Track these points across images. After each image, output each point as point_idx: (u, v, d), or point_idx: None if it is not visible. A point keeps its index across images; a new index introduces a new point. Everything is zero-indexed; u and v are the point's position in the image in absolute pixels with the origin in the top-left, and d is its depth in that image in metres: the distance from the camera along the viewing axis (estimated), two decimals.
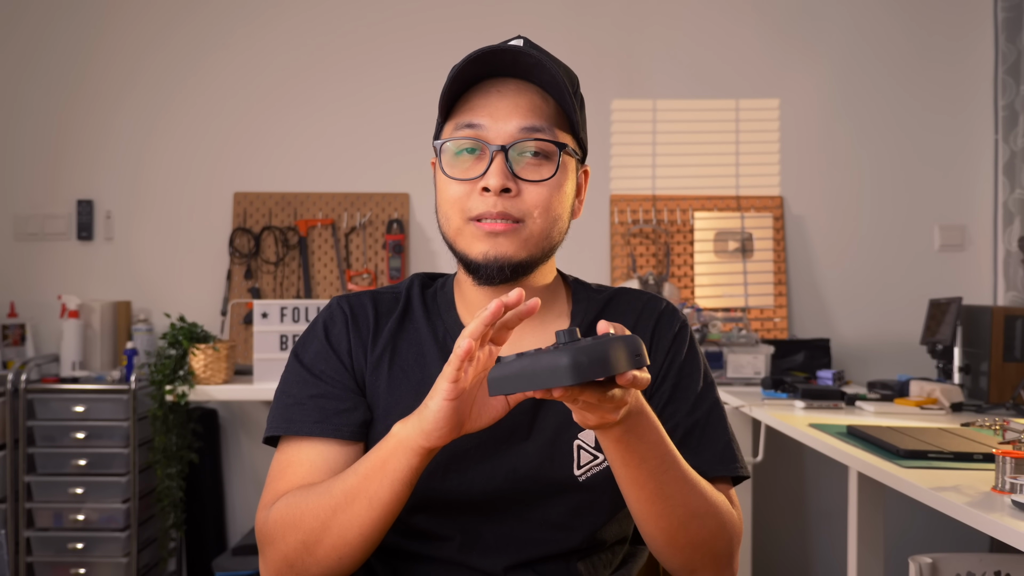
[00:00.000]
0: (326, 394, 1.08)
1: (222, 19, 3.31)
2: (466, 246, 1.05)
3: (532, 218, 1.04)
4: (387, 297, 1.15)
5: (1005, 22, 3.20)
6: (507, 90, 1.04)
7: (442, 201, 1.07)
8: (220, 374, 2.83)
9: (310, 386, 1.08)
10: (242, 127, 3.30)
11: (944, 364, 2.77)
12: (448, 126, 1.08)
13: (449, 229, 1.07)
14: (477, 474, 1.06)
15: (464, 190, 1.04)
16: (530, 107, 1.04)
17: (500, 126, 1.03)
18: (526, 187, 1.04)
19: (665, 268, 3.26)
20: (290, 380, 1.11)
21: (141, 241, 3.29)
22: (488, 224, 1.03)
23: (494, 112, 1.04)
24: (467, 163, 1.05)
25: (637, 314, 1.15)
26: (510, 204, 1.03)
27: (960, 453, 1.74)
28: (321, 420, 1.06)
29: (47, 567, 2.80)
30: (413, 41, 3.31)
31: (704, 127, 3.35)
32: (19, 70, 3.28)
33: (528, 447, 1.07)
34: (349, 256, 3.26)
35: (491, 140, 1.03)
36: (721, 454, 1.10)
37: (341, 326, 1.12)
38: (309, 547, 0.99)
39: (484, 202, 1.03)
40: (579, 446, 1.08)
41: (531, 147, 1.04)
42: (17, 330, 3.11)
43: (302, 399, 1.08)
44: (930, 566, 1.62)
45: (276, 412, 1.09)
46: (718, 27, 3.34)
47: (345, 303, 1.14)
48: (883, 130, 3.34)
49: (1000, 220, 3.23)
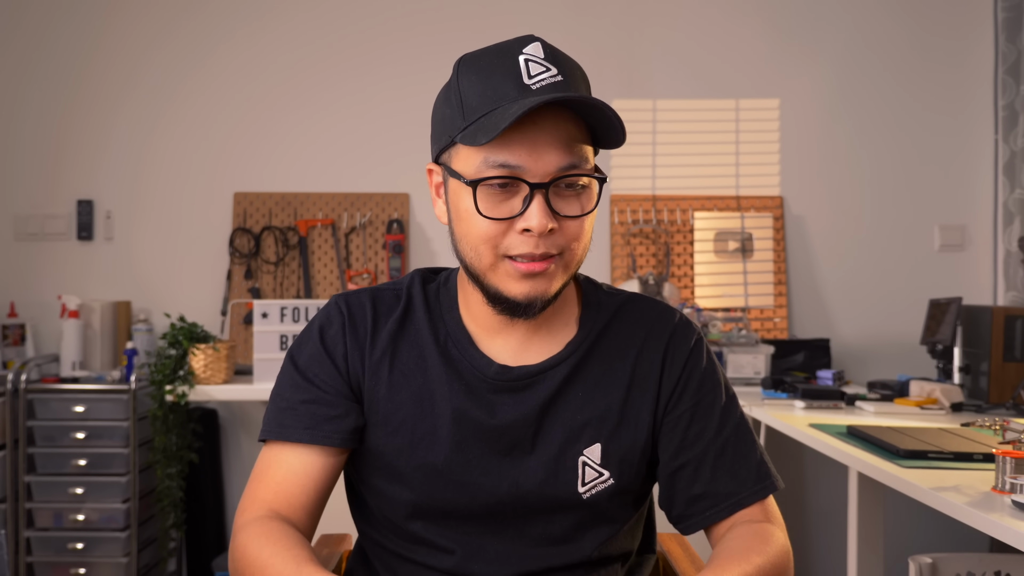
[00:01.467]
0: (318, 399, 1.06)
1: (222, 19, 3.31)
2: (499, 283, 1.00)
3: (570, 251, 1.00)
4: (387, 295, 1.12)
5: (1005, 22, 3.19)
6: (544, 121, 0.96)
7: (471, 236, 0.99)
8: (220, 374, 2.83)
9: (302, 390, 1.07)
10: (242, 127, 3.30)
11: (944, 364, 2.77)
12: (473, 155, 0.98)
13: (480, 264, 1.00)
14: (478, 487, 1.04)
15: (499, 228, 0.98)
16: (567, 139, 0.97)
17: (539, 164, 0.96)
18: (565, 222, 0.98)
19: (665, 268, 3.26)
20: (284, 382, 1.09)
21: (141, 241, 3.29)
22: (527, 266, 0.98)
23: (532, 148, 0.96)
24: (499, 197, 0.97)
25: (648, 327, 1.11)
26: (550, 243, 0.98)
27: (960, 453, 1.74)
28: (311, 427, 1.05)
29: (47, 567, 2.80)
30: (413, 41, 3.31)
31: (704, 127, 3.35)
32: (19, 70, 3.28)
33: (531, 462, 1.05)
34: (349, 256, 3.26)
35: (529, 177, 0.96)
36: (757, 472, 1.08)
37: (337, 328, 1.09)
38: None
39: (525, 243, 0.97)
40: (584, 463, 1.05)
41: (571, 181, 0.98)
42: (17, 330, 3.11)
43: (294, 403, 1.07)
44: (930, 566, 1.62)
45: (270, 414, 1.08)
46: (718, 27, 3.34)
47: (343, 303, 1.11)
48: (883, 130, 3.34)
49: (1000, 220, 3.23)
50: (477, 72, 0.99)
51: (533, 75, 0.97)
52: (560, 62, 1.00)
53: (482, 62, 0.99)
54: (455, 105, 1.00)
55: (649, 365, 1.08)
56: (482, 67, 0.99)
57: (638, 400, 1.08)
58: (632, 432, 1.07)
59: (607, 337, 1.09)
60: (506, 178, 0.96)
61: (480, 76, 0.98)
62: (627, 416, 1.07)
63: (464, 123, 0.98)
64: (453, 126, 1.00)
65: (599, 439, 1.06)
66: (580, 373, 1.07)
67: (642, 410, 1.08)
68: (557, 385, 1.06)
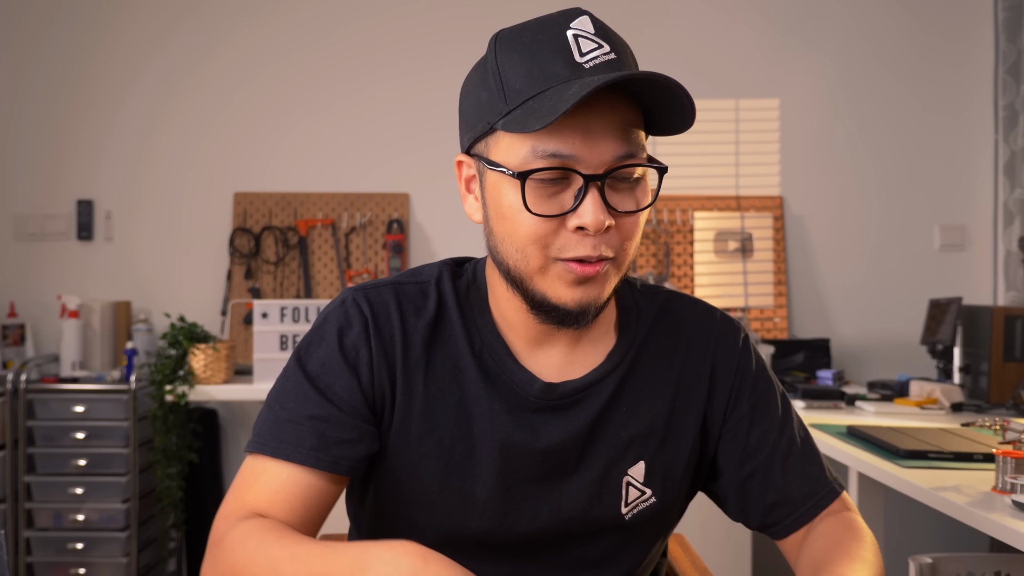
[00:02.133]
0: (328, 417, 0.90)
1: (223, 20, 3.31)
2: (548, 287, 0.88)
3: (623, 251, 0.89)
4: (412, 291, 0.97)
5: (1005, 22, 3.19)
6: (599, 105, 0.84)
7: (517, 235, 0.87)
8: (220, 374, 2.83)
9: (311, 403, 0.91)
10: (242, 127, 3.30)
11: (944, 364, 2.77)
12: (518, 143, 0.86)
13: (526, 268, 0.88)
14: (518, 514, 0.95)
15: (550, 227, 0.86)
16: (624, 124, 0.86)
17: (594, 153, 0.84)
18: (621, 219, 0.87)
19: (665, 268, 3.26)
20: (288, 389, 0.93)
21: (141, 241, 3.29)
22: (582, 268, 0.86)
23: (587, 136, 0.84)
24: (549, 191, 0.86)
25: (691, 331, 1.01)
26: (606, 240, 0.86)
27: (960, 453, 1.74)
28: (318, 448, 0.89)
29: (47, 567, 2.80)
30: (413, 42, 3.31)
31: (704, 127, 3.35)
32: (20, 70, 3.28)
33: (573, 485, 0.96)
34: (349, 256, 3.26)
35: (583, 168, 0.84)
36: (827, 470, 1.02)
37: (359, 332, 0.94)
38: None
39: (580, 244, 0.85)
40: (628, 482, 0.97)
41: (628, 173, 0.87)
42: (17, 330, 3.11)
43: (299, 417, 0.91)
44: (930, 566, 1.61)
45: (267, 424, 0.92)
46: (718, 27, 3.34)
47: (364, 302, 0.95)
48: (883, 130, 3.34)
49: (1000, 220, 3.23)
50: (520, 49, 0.87)
51: (585, 52, 0.86)
52: (611, 38, 0.90)
53: (524, 37, 0.88)
54: (494, 87, 0.87)
55: (695, 374, 1.00)
56: (525, 43, 0.87)
57: (683, 412, 0.99)
58: (676, 447, 0.99)
59: (649, 345, 1.00)
60: (558, 169, 0.84)
61: (523, 54, 0.87)
62: (672, 430, 0.99)
63: (507, 107, 0.86)
64: (493, 111, 0.87)
65: (643, 456, 0.98)
66: (625, 386, 0.98)
67: (687, 423, 0.99)
68: (605, 401, 0.96)
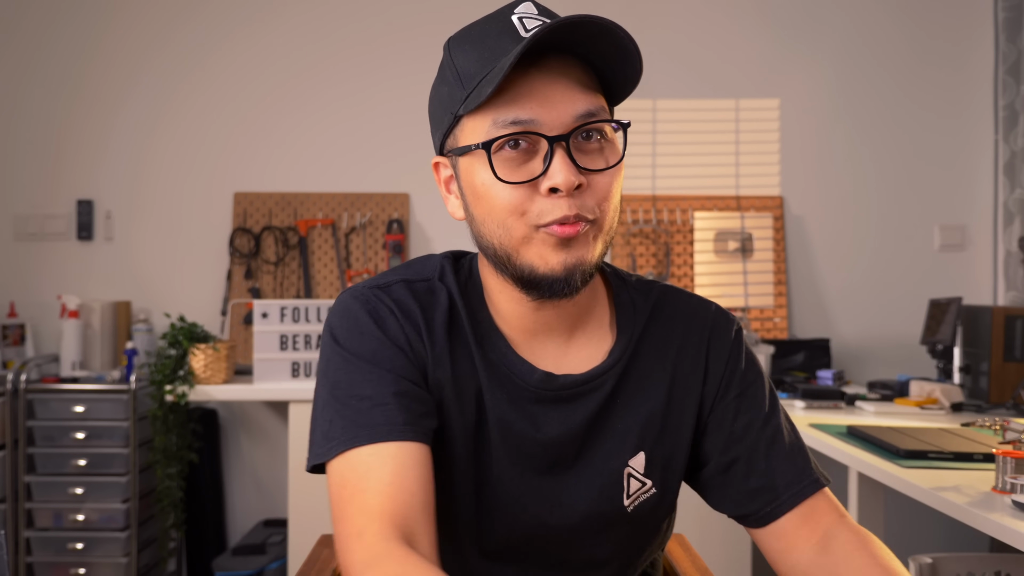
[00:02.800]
0: (408, 392, 0.90)
1: (223, 20, 3.31)
2: (535, 257, 0.88)
3: (601, 212, 0.89)
4: (422, 288, 0.98)
5: (1005, 22, 3.20)
6: (551, 69, 0.87)
7: (496, 210, 0.88)
8: (220, 374, 2.83)
9: (387, 382, 0.89)
10: (242, 127, 3.30)
11: (944, 364, 2.77)
12: (479, 121, 0.88)
13: (510, 240, 0.88)
14: (522, 508, 0.96)
15: (524, 193, 0.87)
16: (578, 85, 0.87)
17: (554, 114, 0.86)
18: (593, 177, 0.88)
19: (665, 268, 3.26)
20: (354, 380, 0.90)
21: (141, 241, 3.29)
22: (562, 229, 0.86)
23: (544, 98, 0.86)
24: (517, 160, 0.87)
25: (686, 323, 1.02)
26: (581, 202, 0.87)
27: (960, 453, 1.74)
28: (410, 422, 0.87)
29: (47, 567, 2.80)
30: (413, 42, 3.31)
31: (704, 127, 3.35)
32: (20, 70, 3.28)
33: (574, 478, 0.97)
34: (349, 256, 3.26)
35: (546, 131, 0.86)
36: (814, 463, 1.01)
37: (393, 321, 0.94)
38: None
39: (556, 205, 0.86)
40: (629, 474, 0.98)
41: (592, 132, 0.88)
42: (17, 330, 3.11)
43: (382, 398, 0.88)
44: (930, 566, 1.61)
45: (347, 418, 0.88)
46: (718, 27, 3.34)
47: (383, 295, 0.95)
48: (883, 130, 3.34)
49: (1000, 220, 3.23)
50: (470, 41, 0.92)
51: (529, 28, 0.89)
52: (554, 16, 0.92)
53: (474, 31, 0.93)
54: (452, 80, 0.91)
55: (691, 364, 1.01)
56: (475, 35, 0.92)
57: (680, 403, 1.00)
58: (675, 438, 1.00)
59: (646, 340, 1.01)
60: (521, 134, 0.86)
61: (474, 43, 0.91)
62: (670, 420, 1.00)
63: (465, 92, 0.89)
64: (454, 101, 0.91)
65: (643, 447, 0.98)
66: (623, 381, 0.99)
67: (685, 414, 1.00)
68: (604, 397, 0.97)
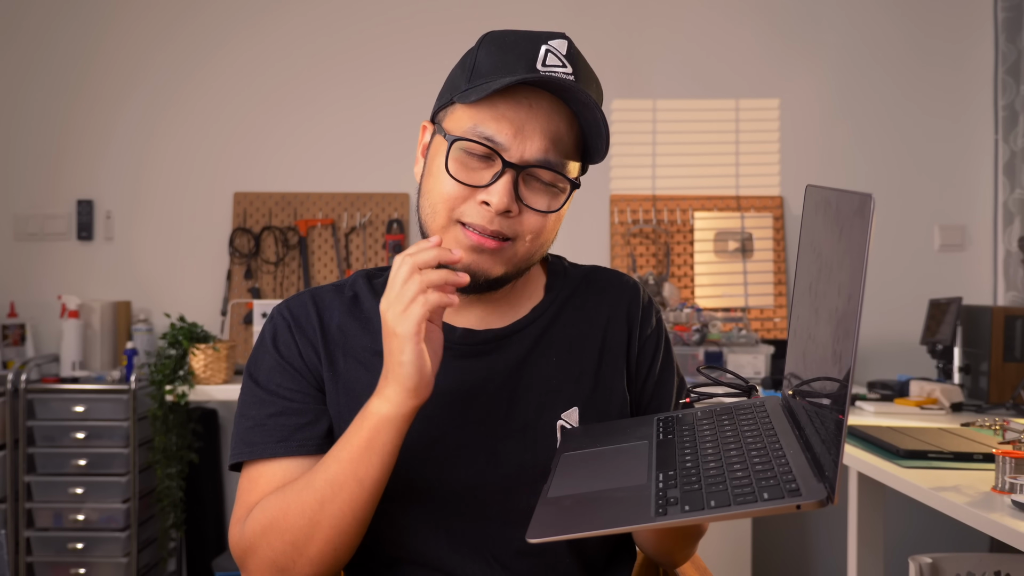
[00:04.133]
0: (285, 411, 1.03)
1: (223, 20, 3.31)
2: (447, 245, 1.00)
3: (523, 240, 1.00)
4: (327, 293, 1.11)
5: (1005, 22, 3.19)
6: (540, 107, 0.99)
7: (433, 192, 1.01)
8: (220, 374, 2.83)
9: (267, 405, 1.04)
10: (243, 128, 3.30)
11: (944, 364, 2.77)
12: (464, 115, 1.00)
13: (433, 224, 1.01)
14: (455, 461, 1.02)
15: (462, 193, 0.99)
16: (555, 135, 0.99)
17: (521, 146, 0.98)
18: (527, 212, 1.00)
19: (665, 268, 3.26)
20: (247, 401, 1.06)
21: (141, 241, 3.29)
22: (477, 238, 0.98)
23: (521, 128, 0.98)
24: (473, 164, 0.99)
25: (615, 292, 1.14)
26: (506, 225, 0.99)
27: (960, 453, 1.74)
28: (283, 439, 1.02)
29: (47, 567, 2.80)
30: (413, 43, 3.31)
31: (704, 127, 3.35)
32: (20, 70, 3.28)
33: (507, 429, 1.03)
34: (349, 256, 3.26)
35: (507, 156, 0.98)
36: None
37: (286, 334, 1.07)
38: (299, 546, 0.95)
39: (480, 215, 0.98)
40: (563, 427, 1.04)
41: (545, 175, 1.00)
42: (17, 330, 3.11)
43: (261, 420, 1.03)
44: (930, 566, 1.62)
45: (237, 436, 1.05)
46: (718, 28, 3.34)
47: (285, 310, 1.09)
48: (883, 130, 3.34)
49: (1000, 220, 3.23)
50: (498, 45, 1.02)
51: (547, 64, 0.99)
52: (579, 65, 1.01)
53: (506, 39, 1.02)
54: (466, 68, 1.02)
55: (618, 330, 1.11)
56: (504, 43, 1.02)
57: (611, 365, 1.10)
58: (608, 397, 1.08)
59: (574, 303, 1.12)
60: (484, 147, 0.97)
61: (500, 49, 1.01)
62: (602, 381, 1.08)
63: (467, 85, 1.00)
64: (456, 87, 1.02)
65: (576, 402, 1.06)
66: (550, 337, 1.08)
67: (615, 376, 1.09)
68: (527, 348, 1.07)
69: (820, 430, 0.80)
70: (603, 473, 0.89)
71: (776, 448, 0.84)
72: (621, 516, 0.79)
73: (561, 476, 0.91)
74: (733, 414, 0.99)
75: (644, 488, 0.82)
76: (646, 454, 0.91)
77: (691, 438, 0.92)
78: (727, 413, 1.00)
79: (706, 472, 0.82)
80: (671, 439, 0.94)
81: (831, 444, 0.75)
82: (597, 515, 0.81)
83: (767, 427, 0.91)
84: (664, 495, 0.80)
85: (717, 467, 0.83)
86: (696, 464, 0.84)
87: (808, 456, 0.81)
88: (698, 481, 0.80)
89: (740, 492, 0.76)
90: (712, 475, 0.81)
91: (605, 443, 0.97)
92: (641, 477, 0.85)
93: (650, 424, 1.01)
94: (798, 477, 0.77)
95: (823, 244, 0.88)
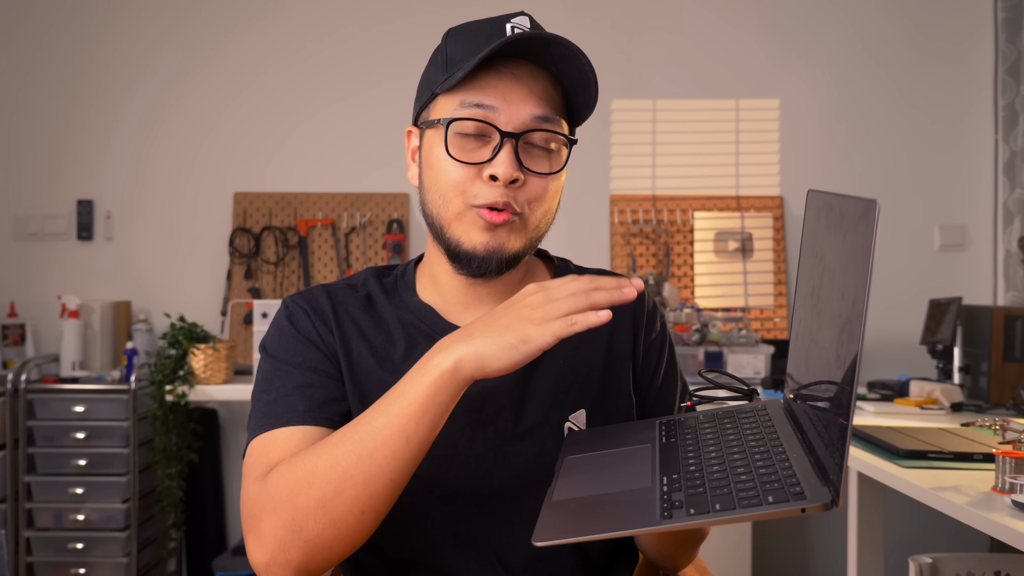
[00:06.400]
0: (312, 383, 1.00)
1: (223, 20, 3.31)
2: (463, 233, 1.00)
3: (530, 209, 1.01)
4: (340, 288, 1.11)
5: (1005, 22, 3.20)
6: (521, 74, 1.00)
7: (440, 182, 1.01)
8: (220, 374, 2.83)
9: (292, 376, 1.01)
10: (243, 128, 3.30)
11: (944, 364, 2.77)
12: (449, 100, 1.01)
13: (446, 213, 1.01)
14: (464, 459, 1.02)
15: (468, 174, 0.99)
16: (543, 95, 1.00)
17: (512, 111, 0.99)
18: (532, 179, 1.00)
19: (665, 268, 3.26)
20: (267, 377, 1.02)
21: (141, 241, 3.29)
22: (491, 214, 0.99)
23: (507, 94, 0.99)
24: (471, 145, 1.00)
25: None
26: (514, 195, 0.99)
27: (960, 453, 1.74)
28: (311, 409, 0.98)
29: (47, 567, 2.80)
30: (412, 43, 3.30)
31: (704, 127, 3.35)
32: (20, 70, 3.28)
33: (515, 431, 1.03)
34: (349, 256, 3.26)
35: (501, 125, 0.98)
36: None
37: (304, 317, 1.06)
38: (325, 504, 0.86)
39: (491, 191, 0.98)
40: (570, 428, 1.05)
41: (541, 138, 1.01)
42: (17, 330, 3.11)
43: (286, 391, 0.99)
44: (930, 566, 1.62)
45: (258, 412, 0.99)
46: (718, 28, 3.34)
47: (299, 299, 1.08)
48: (883, 130, 3.34)
49: (1000, 220, 3.23)
50: (464, 33, 1.03)
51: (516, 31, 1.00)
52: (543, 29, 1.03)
53: (470, 28, 1.03)
54: (440, 63, 1.04)
55: (624, 335, 1.12)
56: (470, 31, 1.03)
57: (618, 369, 1.10)
58: (614, 399, 1.09)
59: None
60: (479, 121, 0.98)
61: (467, 36, 1.02)
62: (608, 384, 1.09)
63: (446, 75, 1.02)
64: (435, 81, 1.04)
65: (584, 404, 1.07)
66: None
67: (622, 379, 1.10)
68: None
69: (823, 434, 0.80)
70: (607, 476, 0.89)
71: (779, 451, 0.84)
72: (627, 519, 0.79)
73: (565, 479, 0.91)
74: (735, 417, 0.99)
75: (649, 491, 0.82)
76: (649, 457, 0.91)
77: (694, 441, 0.92)
78: (729, 416, 1.00)
79: (710, 475, 0.82)
80: (674, 442, 0.94)
81: (835, 448, 0.75)
82: (603, 518, 0.81)
83: (769, 430, 0.91)
84: (669, 498, 0.79)
85: (721, 470, 0.83)
86: (700, 467, 0.84)
87: (811, 459, 0.81)
88: (702, 484, 0.80)
89: (744, 495, 0.76)
90: (716, 478, 0.81)
91: (608, 446, 0.97)
92: (645, 480, 0.85)
93: (652, 427, 1.01)
94: (802, 480, 0.77)
95: (826, 249, 0.88)
